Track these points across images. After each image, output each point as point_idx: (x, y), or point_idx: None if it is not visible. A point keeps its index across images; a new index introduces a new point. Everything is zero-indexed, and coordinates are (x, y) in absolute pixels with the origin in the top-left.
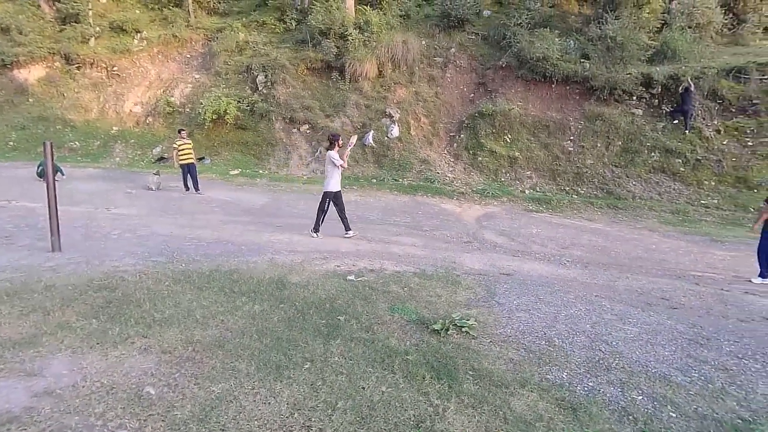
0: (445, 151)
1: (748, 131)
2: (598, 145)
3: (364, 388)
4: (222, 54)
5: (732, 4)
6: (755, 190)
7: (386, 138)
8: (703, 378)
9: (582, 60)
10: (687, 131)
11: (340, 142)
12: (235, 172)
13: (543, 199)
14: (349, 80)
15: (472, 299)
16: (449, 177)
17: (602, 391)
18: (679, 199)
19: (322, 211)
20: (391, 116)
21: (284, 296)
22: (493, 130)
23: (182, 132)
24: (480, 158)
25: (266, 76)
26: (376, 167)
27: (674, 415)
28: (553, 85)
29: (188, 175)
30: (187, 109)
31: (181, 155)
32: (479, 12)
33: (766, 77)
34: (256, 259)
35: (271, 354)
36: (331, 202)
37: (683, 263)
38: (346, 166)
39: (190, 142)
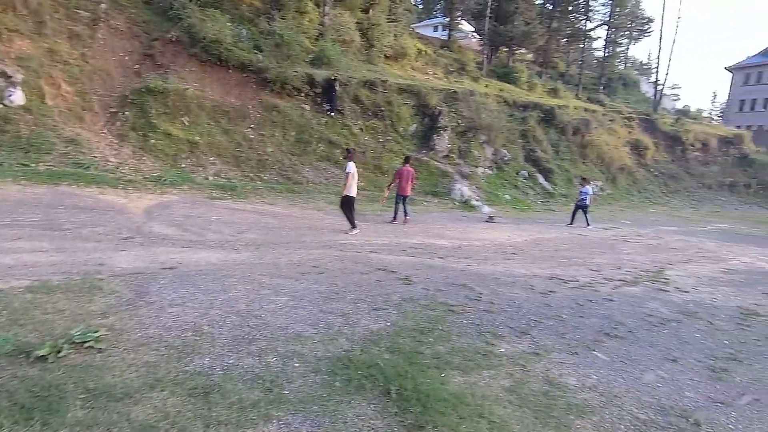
0: (106, 131)
1: (380, 130)
2: (276, 134)
3: None
4: None
5: (366, 31)
6: (385, 174)
7: (1, 105)
8: (326, 326)
9: (255, 51)
10: (333, 114)
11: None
12: None
13: (228, 186)
14: None
15: (113, 305)
16: (113, 162)
17: (240, 364)
18: (339, 183)
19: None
20: (8, 76)
21: None
22: (167, 110)
23: None
24: (153, 141)
25: None
26: None
27: (298, 365)
28: (230, 71)
29: None
30: None
31: None
32: None
33: (386, 91)
34: None
35: None
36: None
37: (333, 235)
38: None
39: None
